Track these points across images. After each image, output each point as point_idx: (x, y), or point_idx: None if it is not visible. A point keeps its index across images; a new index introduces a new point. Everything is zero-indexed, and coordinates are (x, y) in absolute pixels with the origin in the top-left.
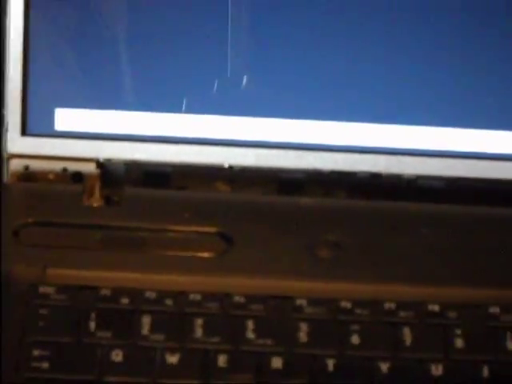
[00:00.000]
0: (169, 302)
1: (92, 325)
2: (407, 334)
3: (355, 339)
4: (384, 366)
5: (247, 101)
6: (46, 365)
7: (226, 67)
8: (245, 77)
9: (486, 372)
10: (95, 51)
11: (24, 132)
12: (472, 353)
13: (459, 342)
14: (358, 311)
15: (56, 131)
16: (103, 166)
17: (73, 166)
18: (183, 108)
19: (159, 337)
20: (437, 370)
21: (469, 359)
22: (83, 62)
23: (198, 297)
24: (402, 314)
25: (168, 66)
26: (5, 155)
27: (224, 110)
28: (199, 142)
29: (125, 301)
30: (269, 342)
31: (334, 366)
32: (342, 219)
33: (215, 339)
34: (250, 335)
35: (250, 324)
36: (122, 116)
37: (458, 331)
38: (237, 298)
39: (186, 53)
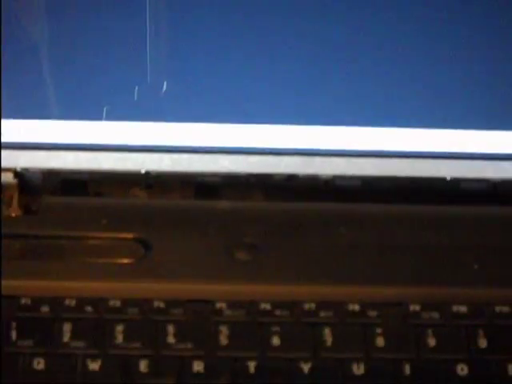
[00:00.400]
0: (88, 308)
1: (13, 334)
2: (328, 334)
3: (276, 341)
4: (305, 367)
5: (165, 106)
6: None
7: (146, 73)
8: (164, 83)
9: (407, 370)
10: (10, 59)
11: None
12: (393, 351)
13: (380, 341)
14: (278, 313)
15: None
16: (21, 175)
17: None
18: (104, 115)
19: (80, 344)
20: (358, 369)
21: (390, 357)
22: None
23: (117, 303)
24: (322, 314)
25: (87, 74)
26: None
27: (142, 116)
28: (115, 148)
29: (45, 309)
30: (189, 345)
31: (255, 367)
32: (259, 221)
33: (136, 345)
34: (171, 340)
35: (171, 328)
36: (39, 125)
37: (379, 330)
38: (156, 303)
39: (104, 60)
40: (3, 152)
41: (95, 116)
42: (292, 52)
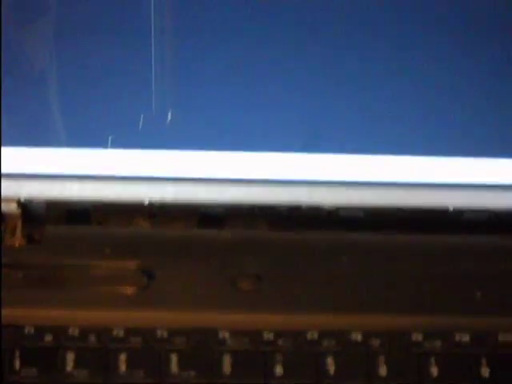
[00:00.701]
0: (92, 338)
1: (16, 363)
2: (330, 363)
3: (279, 370)
4: None
5: (170, 135)
6: None
7: (151, 102)
8: (169, 111)
9: None
10: (15, 88)
11: None
12: (396, 380)
13: (383, 370)
14: (281, 342)
15: None
16: (24, 205)
17: None
18: (108, 144)
19: (84, 373)
20: None
21: None
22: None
23: (121, 332)
24: (325, 343)
25: (91, 102)
26: None
27: (147, 145)
28: (119, 178)
29: (48, 338)
30: (192, 374)
31: None
32: (262, 251)
33: (139, 373)
34: (174, 368)
35: (174, 357)
36: (43, 153)
37: (382, 359)
38: (160, 332)
39: (110, 88)
40: (6, 181)
41: (100, 144)
42: (296, 82)
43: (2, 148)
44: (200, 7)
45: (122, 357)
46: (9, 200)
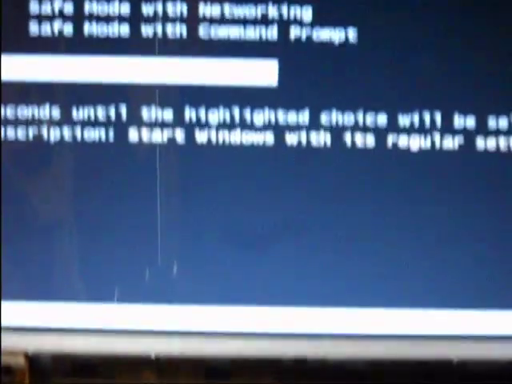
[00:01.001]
0: None
1: None
2: None
3: None
4: None
5: (176, 288)
6: None
7: (157, 255)
8: (175, 265)
9: None
10: (22, 243)
11: None
12: None
13: None
14: None
15: None
16: (31, 358)
17: (2, 359)
18: (115, 297)
19: None
20: None
21: None
22: (9, 254)
23: None
24: None
25: (98, 256)
26: None
27: (153, 298)
28: (126, 331)
29: None
30: None
31: None
32: None
33: None
34: None
35: None
36: (50, 308)
37: None
38: None
39: (116, 242)
40: (14, 334)
41: (106, 297)
42: (299, 237)
43: (11, 302)
44: (204, 167)
45: None
46: (16, 353)
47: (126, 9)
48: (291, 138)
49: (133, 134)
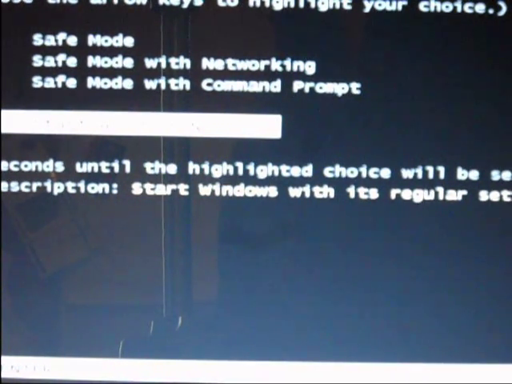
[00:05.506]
0: None
1: None
2: None
3: None
4: None
5: (180, 342)
6: None
7: (162, 308)
8: (179, 318)
9: None
10: (23, 296)
11: None
12: None
13: None
14: None
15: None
16: None
17: None
18: (119, 352)
19: None
20: None
21: None
22: (10, 308)
23: None
24: None
25: (101, 310)
26: None
27: (157, 352)
28: None
29: None
30: None
31: None
32: None
33: None
34: None
35: None
36: (54, 363)
37: None
38: None
39: (120, 296)
40: None
41: (110, 352)
42: (300, 294)
43: (11, 357)
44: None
45: None
46: None
47: (129, 63)
48: (294, 192)
49: (136, 188)
